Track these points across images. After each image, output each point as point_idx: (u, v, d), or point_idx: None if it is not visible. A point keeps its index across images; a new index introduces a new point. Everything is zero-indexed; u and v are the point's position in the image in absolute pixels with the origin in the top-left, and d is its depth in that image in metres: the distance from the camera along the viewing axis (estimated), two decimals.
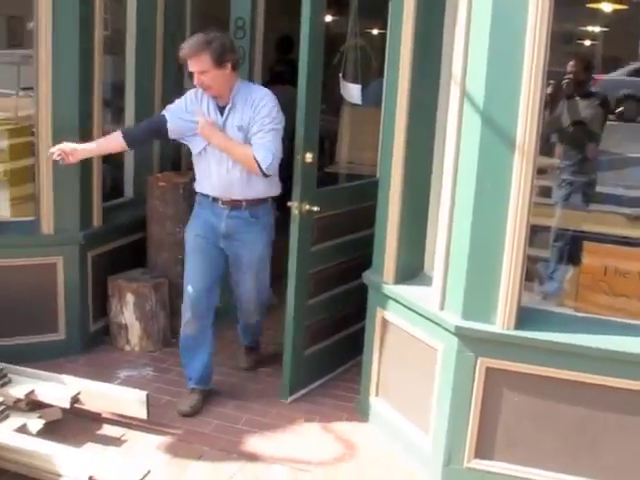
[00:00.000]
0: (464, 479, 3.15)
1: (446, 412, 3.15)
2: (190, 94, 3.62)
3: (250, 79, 4.51)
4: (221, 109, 3.53)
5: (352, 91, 3.88)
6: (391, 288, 3.45)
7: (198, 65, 3.40)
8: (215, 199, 3.62)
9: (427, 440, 3.29)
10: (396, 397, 3.53)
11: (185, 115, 3.57)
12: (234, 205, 3.60)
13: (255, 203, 3.61)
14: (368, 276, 3.64)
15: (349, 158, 5.29)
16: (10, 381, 3.47)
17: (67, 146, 3.53)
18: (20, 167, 4.54)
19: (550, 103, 4.85)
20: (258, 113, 3.45)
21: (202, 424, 3.61)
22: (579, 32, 6.65)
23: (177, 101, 3.64)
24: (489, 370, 3.05)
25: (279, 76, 7.01)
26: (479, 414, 3.09)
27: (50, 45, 3.87)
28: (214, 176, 3.58)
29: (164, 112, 3.64)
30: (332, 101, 4.95)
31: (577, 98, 4.87)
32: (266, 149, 3.41)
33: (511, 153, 2.85)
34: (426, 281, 3.38)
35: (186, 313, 3.72)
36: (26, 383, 3.48)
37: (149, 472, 3.03)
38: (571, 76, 4.79)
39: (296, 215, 3.63)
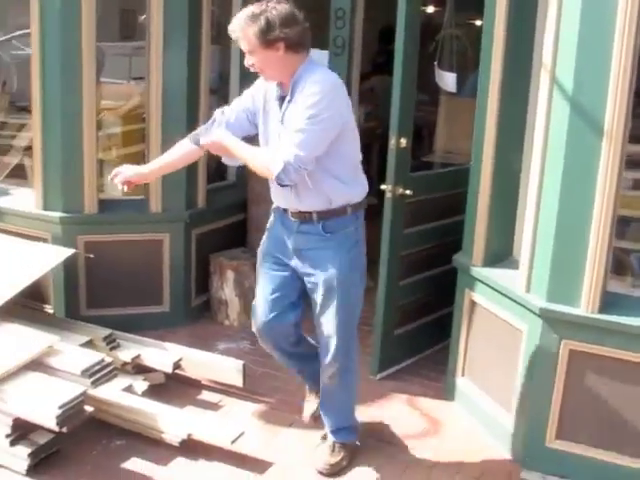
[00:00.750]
0: (545, 459, 3.21)
1: (529, 392, 3.22)
2: (257, 83, 3.06)
3: (349, 69, 4.63)
4: (281, 100, 2.90)
5: (447, 79, 3.96)
6: (479, 270, 3.53)
7: (244, 44, 2.82)
8: (285, 210, 3.04)
9: (510, 420, 3.36)
10: (481, 377, 3.61)
11: (248, 110, 3.04)
12: (304, 218, 2.97)
13: (329, 215, 2.94)
14: (458, 259, 3.73)
15: (447, 147, 5.35)
16: (118, 345, 3.75)
17: (135, 173, 3.08)
18: (132, 152, 4.84)
19: None
20: (302, 103, 2.76)
21: (294, 395, 3.77)
22: None
23: (245, 92, 3.11)
24: (572, 352, 3.09)
25: (380, 67, 7.16)
26: (561, 395, 3.14)
27: (161, 37, 4.12)
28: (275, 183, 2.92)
29: (225, 109, 3.11)
30: (431, 91, 5.04)
31: None
32: (283, 153, 2.73)
33: (599, 140, 2.88)
34: (514, 265, 3.43)
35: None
36: (133, 348, 3.76)
37: (243, 434, 3.24)
38: None
39: (389, 198, 3.76)
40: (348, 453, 3.27)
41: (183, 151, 3.11)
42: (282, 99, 2.88)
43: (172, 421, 3.27)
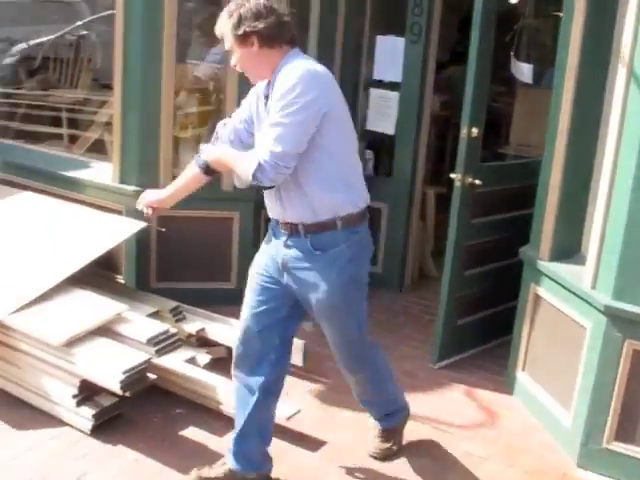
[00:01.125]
0: (601, 459, 3.17)
1: (589, 391, 3.17)
2: (253, 89, 2.82)
3: (425, 58, 4.59)
4: (267, 98, 2.64)
5: (523, 70, 3.93)
6: (546, 265, 3.50)
7: (226, 42, 2.63)
8: (277, 222, 2.81)
9: (568, 417, 3.32)
10: (542, 372, 3.58)
11: (245, 121, 2.81)
12: (291, 230, 2.72)
13: (317, 229, 2.66)
14: (524, 252, 3.69)
15: (524, 140, 5.29)
16: (184, 318, 3.86)
17: (156, 198, 2.96)
18: (207, 131, 4.93)
19: None
20: (276, 94, 2.52)
21: None
22: None
23: (243, 101, 2.87)
24: (636, 353, 3.04)
25: (459, 56, 7.08)
26: (622, 396, 3.10)
27: None
28: (266, 191, 2.75)
29: (226, 120, 2.92)
30: (510, 83, 4.98)
31: None
32: (259, 151, 2.50)
33: None
34: (581, 261, 3.38)
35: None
36: (198, 321, 3.86)
37: (299, 411, 3.31)
38: None
39: (458, 187, 3.75)
40: (398, 438, 3.30)
41: (190, 175, 2.89)
42: (267, 98, 2.64)
43: (231, 394, 3.34)
